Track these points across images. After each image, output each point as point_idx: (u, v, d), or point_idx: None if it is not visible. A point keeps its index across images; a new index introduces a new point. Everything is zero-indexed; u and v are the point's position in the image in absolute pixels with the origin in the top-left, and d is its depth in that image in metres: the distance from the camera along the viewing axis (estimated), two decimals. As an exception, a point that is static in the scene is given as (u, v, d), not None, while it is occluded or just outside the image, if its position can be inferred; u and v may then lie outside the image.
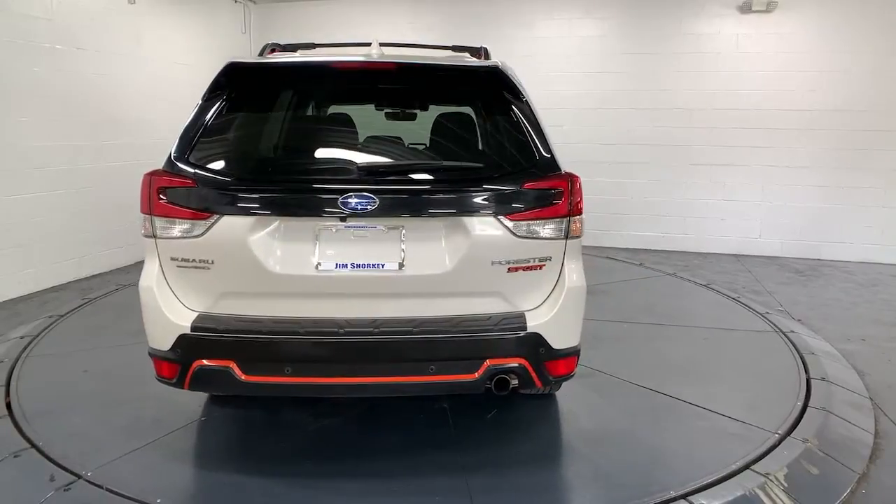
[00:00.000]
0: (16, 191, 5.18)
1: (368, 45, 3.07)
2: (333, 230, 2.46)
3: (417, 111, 3.14)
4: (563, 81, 7.67)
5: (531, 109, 2.64)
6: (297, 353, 2.45)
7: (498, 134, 2.73)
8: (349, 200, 2.36)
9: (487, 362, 2.44)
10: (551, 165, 2.55)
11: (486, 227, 2.44)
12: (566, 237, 2.51)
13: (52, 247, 5.59)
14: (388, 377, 2.48)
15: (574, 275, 2.57)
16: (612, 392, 3.55)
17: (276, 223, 2.46)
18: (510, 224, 2.44)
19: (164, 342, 2.46)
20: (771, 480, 2.62)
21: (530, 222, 2.46)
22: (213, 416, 3.18)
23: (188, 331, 2.43)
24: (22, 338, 4.19)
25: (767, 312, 4.99)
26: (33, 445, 2.84)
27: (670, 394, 3.47)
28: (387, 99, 3.12)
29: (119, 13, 6.18)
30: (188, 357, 2.44)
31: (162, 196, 2.46)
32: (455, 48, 3.55)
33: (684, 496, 2.51)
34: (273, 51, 3.24)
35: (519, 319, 2.49)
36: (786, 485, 2.61)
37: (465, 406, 3.28)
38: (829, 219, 7.21)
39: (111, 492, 2.50)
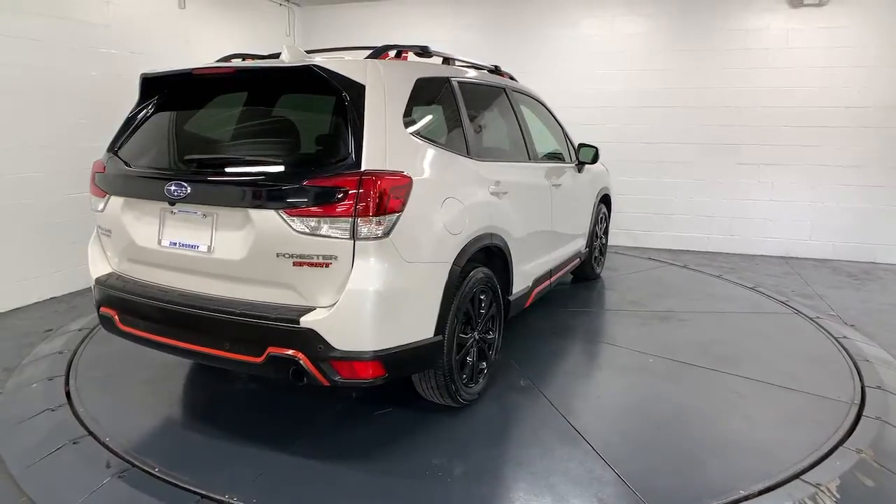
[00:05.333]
0: (77, 189, 5.42)
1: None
2: (171, 213, 2.87)
3: (260, 110, 3.15)
4: (605, 80, 7.57)
5: (350, 108, 2.62)
6: (140, 312, 2.94)
7: (308, 130, 2.92)
8: (170, 187, 2.75)
9: (269, 349, 2.59)
10: (351, 164, 2.55)
11: (269, 221, 2.57)
12: (354, 237, 2.50)
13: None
14: (198, 346, 2.81)
15: (366, 277, 2.52)
16: (529, 424, 3.11)
17: (137, 203, 2.98)
18: (289, 219, 2.53)
19: (91, 290, 3.23)
20: (822, 491, 2.54)
21: (310, 219, 2.51)
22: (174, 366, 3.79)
23: (94, 283, 3.18)
24: (80, 330, 4.40)
25: (818, 317, 4.83)
26: (90, 433, 2.98)
27: (596, 447, 2.85)
28: (237, 100, 3.18)
29: (170, 17, 6.39)
30: (98, 303, 3.15)
31: (94, 179, 3.19)
32: (390, 47, 3.31)
33: (730, 504, 2.45)
34: (244, 59, 3.39)
35: (295, 313, 2.57)
36: (838, 496, 2.52)
37: (368, 400, 3.32)
38: (885, 220, 6.92)
39: (165, 481, 2.61)
